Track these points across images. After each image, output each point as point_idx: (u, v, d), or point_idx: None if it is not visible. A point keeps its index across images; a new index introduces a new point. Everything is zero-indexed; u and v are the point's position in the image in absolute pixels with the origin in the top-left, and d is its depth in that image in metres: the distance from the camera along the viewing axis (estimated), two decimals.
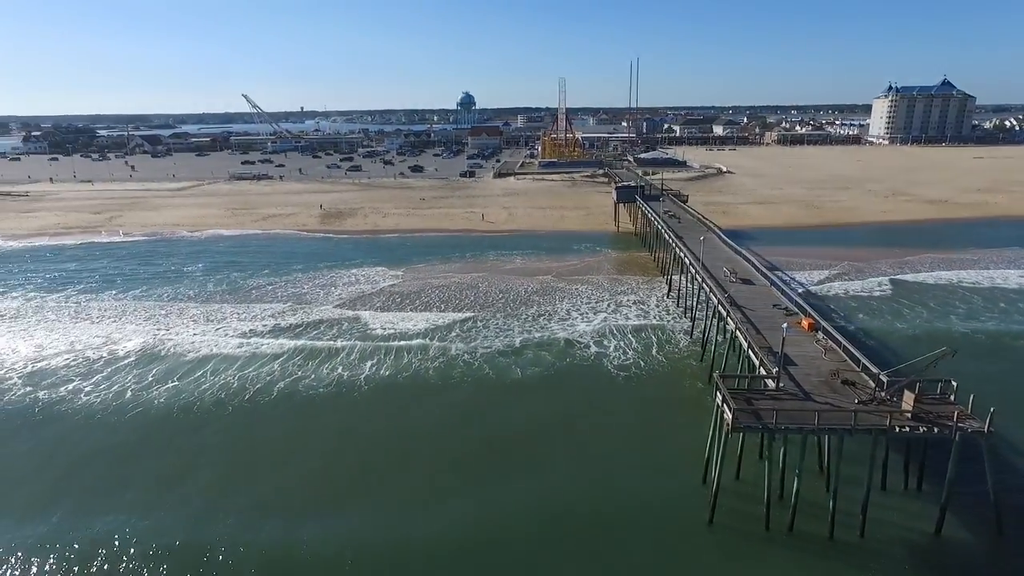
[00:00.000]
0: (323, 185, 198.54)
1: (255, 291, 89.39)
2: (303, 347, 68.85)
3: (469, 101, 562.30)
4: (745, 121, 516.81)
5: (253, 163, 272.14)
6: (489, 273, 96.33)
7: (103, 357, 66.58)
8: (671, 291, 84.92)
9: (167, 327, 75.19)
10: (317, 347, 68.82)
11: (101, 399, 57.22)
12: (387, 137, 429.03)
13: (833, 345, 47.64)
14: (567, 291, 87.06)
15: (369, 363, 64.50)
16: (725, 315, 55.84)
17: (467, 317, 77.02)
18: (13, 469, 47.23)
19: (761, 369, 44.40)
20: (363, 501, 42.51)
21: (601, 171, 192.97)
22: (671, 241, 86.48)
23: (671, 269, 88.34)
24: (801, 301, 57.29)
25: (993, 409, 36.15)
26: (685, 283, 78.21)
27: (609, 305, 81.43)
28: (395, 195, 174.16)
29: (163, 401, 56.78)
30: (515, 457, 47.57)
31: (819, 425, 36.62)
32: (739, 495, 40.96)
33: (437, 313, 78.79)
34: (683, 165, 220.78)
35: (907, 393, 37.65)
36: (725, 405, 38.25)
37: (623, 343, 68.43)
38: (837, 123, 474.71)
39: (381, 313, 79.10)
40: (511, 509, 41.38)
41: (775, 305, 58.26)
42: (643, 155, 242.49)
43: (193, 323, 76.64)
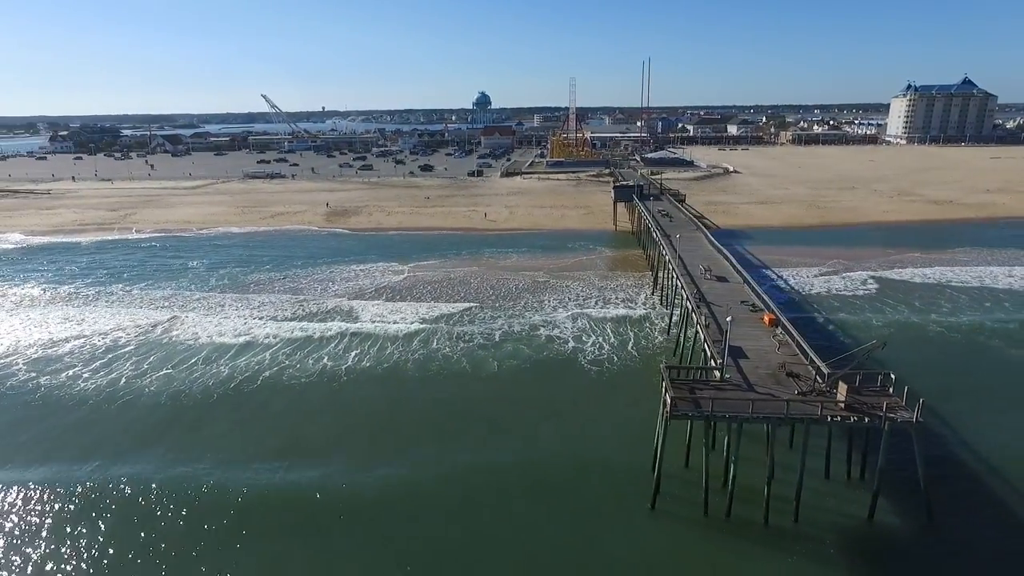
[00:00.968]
0: (333, 184, 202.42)
1: (253, 285, 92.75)
2: (296, 337, 71.87)
3: (485, 101, 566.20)
4: (764, 120, 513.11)
5: (268, 162, 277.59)
6: (483, 270, 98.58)
7: (106, 344, 70.25)
8: (656, 288, 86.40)
9: (167, 317, 78.62)
10: (310, 336, 71.94)
11: (107, 380, 60.72)
12: (402, 137, 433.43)
13: (788, 339, 49.12)
14: (557, 288, 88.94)
15: (354, 352, 67.48)
16: (691, 310, 57.43)
17: (455, 311, 79.30)
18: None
19: (712, 361, 46.07)
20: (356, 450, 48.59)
21: (607, 171, 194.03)
22: (657, 239, 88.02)
23: (657, 267, 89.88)
24: (767, 298, 58.53)
25: (922, 400, 37.57)
26: (667, 280, 79.76)
27: (595, 302, 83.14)
28: (401, 194, 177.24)
29: (155, 388, 60.05)
30: (475, 432, 50.96)
31: (753, 414, 38.24)
32: (684, 482, 42.56)
33: (426, 308, 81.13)
34: (690, 165, 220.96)
35: (841, 384, 39.12)
36: (667, 394, 40.04)
37: (601, 338, 70.17)
38: (856, 123, 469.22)
39: (372, 307, 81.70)
40: (461, 472, 45.17)
41: (743, 302, 59.65)
42: (650, 155, 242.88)
43: (192, 314, 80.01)
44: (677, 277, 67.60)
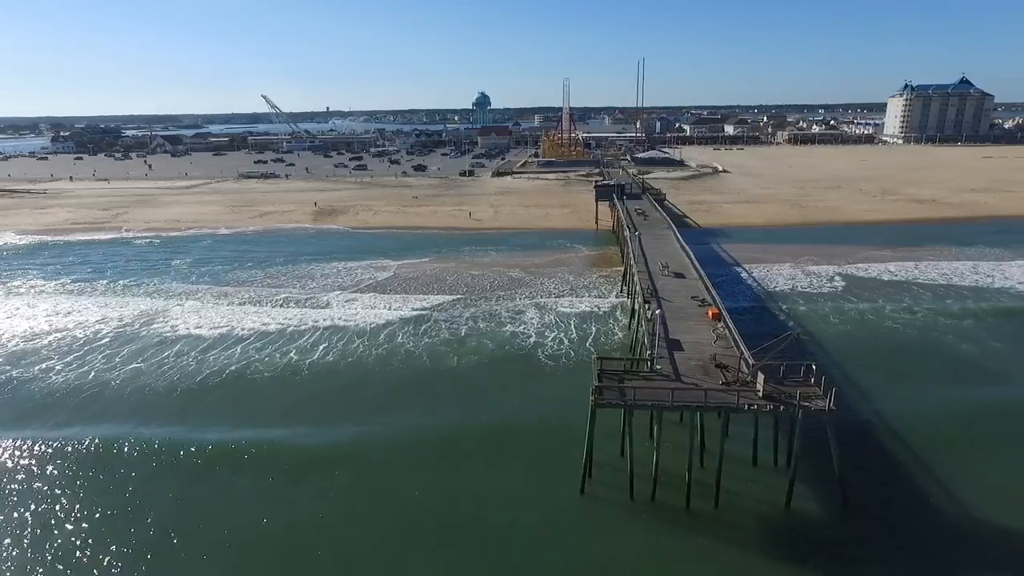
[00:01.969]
0: (325, 184, 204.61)
1: (234, 282, 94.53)
2: (268, 331, 73.77)
3: (484, 101, 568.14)
4: (765, 120, 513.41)
5: (266, 162, 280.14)
6: (460, 267, 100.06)
7: (84, 338, 72.32)
8: (624, 285, 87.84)
9: (145, 313, 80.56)
10: (283, 330, 73.95)
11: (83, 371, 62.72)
12: (403, 137, 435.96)
13: (726, 332, 50.59)
14: (530, 285, 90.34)
15: (323, 346, 69.27)
16: (641, 305, 58.97)
17: (425, 308, 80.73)
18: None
19: (647, 353, 47.61)
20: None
21: (596, 171, 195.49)
22: (627, 237, 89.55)
23: (626, 264, 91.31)
24: (715, 293, 60.07)
25: (835, 388, 39.08)
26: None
27: (565, 298, 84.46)
28: (391, 193, 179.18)
29: (120, 381, 61.98)
30: (420, 421, 52.68)
31: (674, 402, 39.77)
32: (615, 469, 44.03)
33: (397, 304, 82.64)
34: (680, 165, 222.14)
35: (760, 374, 40.58)
36: (593, 384, 41.60)
37: (563, 334, 71.60)
38: (855, 122, 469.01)
39: (344, 303, 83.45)
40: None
41: (693, 297, 61.15)
42: (640, 155, 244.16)
43: (171, 309, 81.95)
44: (636, 274, 69.13)
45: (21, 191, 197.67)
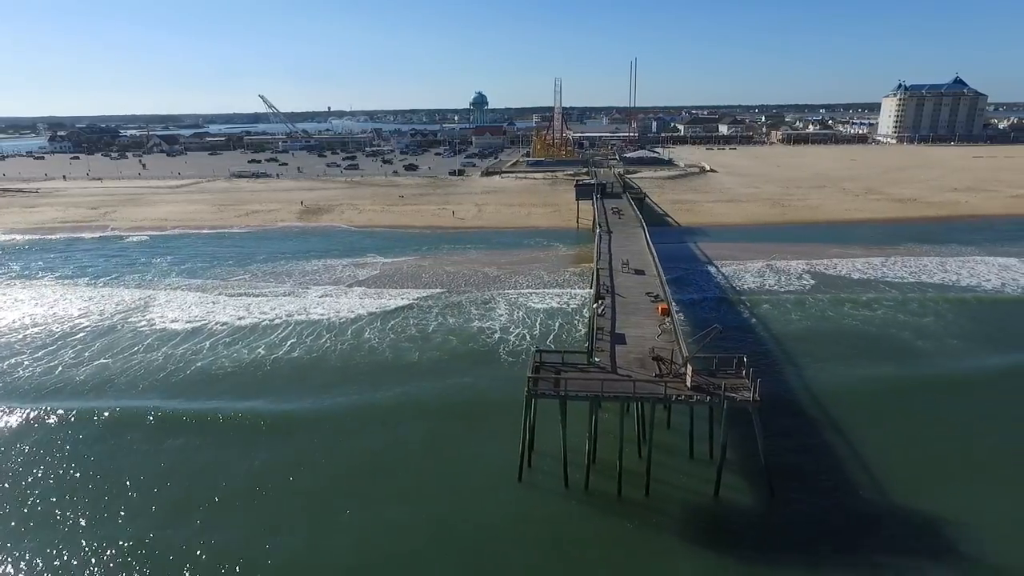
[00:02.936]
0: (315, 183, 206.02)
1: (212, 279, 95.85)
2: (241, 325, 75.30)
3: (482, 101, 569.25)
4: (763, 120, 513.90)
5: (260, 162, 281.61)
6: (438, 265, 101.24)
7: (59, 333, 73.70)
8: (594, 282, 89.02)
9: (121, 309, 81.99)
10: (256, 325, 75.57)
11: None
12: (400, 137, 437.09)
13: (671, 327, 51.75)
14: (503, 282, 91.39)
15: (290, 341, 70.63)
16: (594, 300, 60.15)
17: (398, 305, 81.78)
18: None
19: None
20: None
21: (584, 170, 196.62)
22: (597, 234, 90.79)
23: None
24: (667, 289, 61.30)
25: (759, 380, 40.19)
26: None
27: (536, 296, 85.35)
28: (378, 192, 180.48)
29: (84, 376, 63.40)
30: (374, 412, 53.98)
31: (603, 393, 40.98)
32: (555, 459, 45.11)
33: (370, 300, 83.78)
34: (668, 164, 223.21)
35: (688, 367, 41.78)
36: (528, 375, 42.80)
37: (528, 331, 72.67)
38: (851, 122, 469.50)
39: (317, 299, 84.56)
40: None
41: (647, 292, 62.28)
42: (629, 154, 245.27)
43: (148, 306, 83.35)
44: (597, 271, 70.33)
45: (13, 190, 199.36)
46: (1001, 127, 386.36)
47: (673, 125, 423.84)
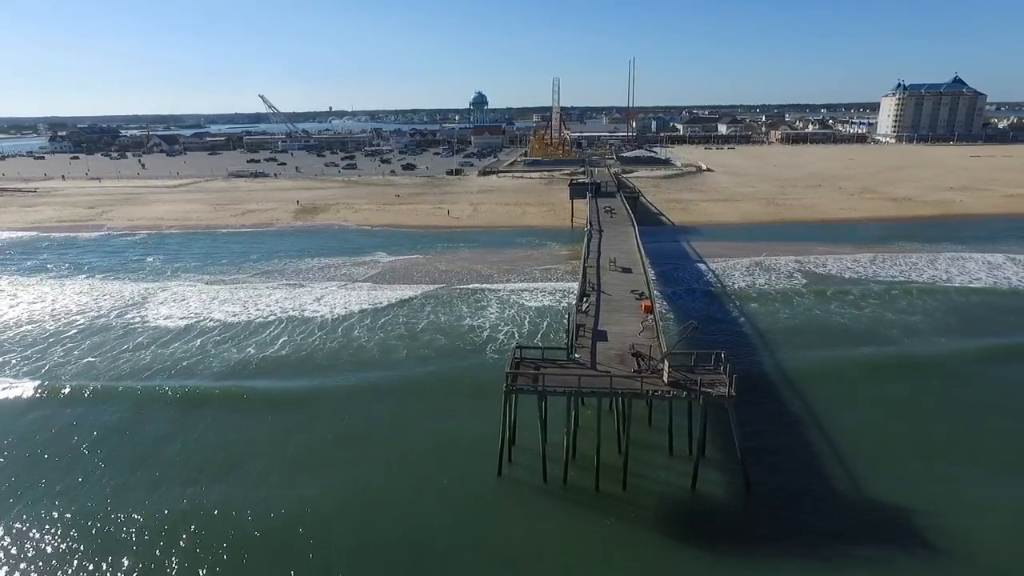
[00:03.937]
0: (312, 182, 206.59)
1: (206, 277, 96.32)
2: (232, 323, 75.81)
3: (481, 100, 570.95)
4: (763, 119, 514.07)
5: (258, 161, 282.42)
6: (429, 263, 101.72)
7: (50, 331, 74.28)
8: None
9: (113, 308, 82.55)
10: (249, 322, 76.25)
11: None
12: (400, 136, 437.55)
13: (653, 324, 52.12)
14: (495, 280, 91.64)
15: (283, 339, 70.94)
16: (579, 297, 60.50)
17: (389, 302, 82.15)
18: None
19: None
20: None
21: (581, 169, 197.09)
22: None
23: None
24: (652, 287, 61.70)
25: (735, 375, 40.54)
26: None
27: (526, 293, 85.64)
28: (374, 192, 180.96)
29: (70, 375, 63.90)
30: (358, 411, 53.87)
31: (580, 388, 41.34)
32: (536, 454, 45.56)
33: (361, 298, 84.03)
34: (664, 163, 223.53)
35: (666, 362, 42.15)
36: (507, 370, 43.19)
37: (516, 328, 72.95)
38: (854, 121, 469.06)
39: (308, 297, 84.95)
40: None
41: (633, 290, 62.62)
42: (626, 154, 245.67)
43: (140, 304, 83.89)
44: (585, 269, 70.68)
45: (11, 190, 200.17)
46: (1001, 126, 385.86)
47: (672, 125, 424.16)
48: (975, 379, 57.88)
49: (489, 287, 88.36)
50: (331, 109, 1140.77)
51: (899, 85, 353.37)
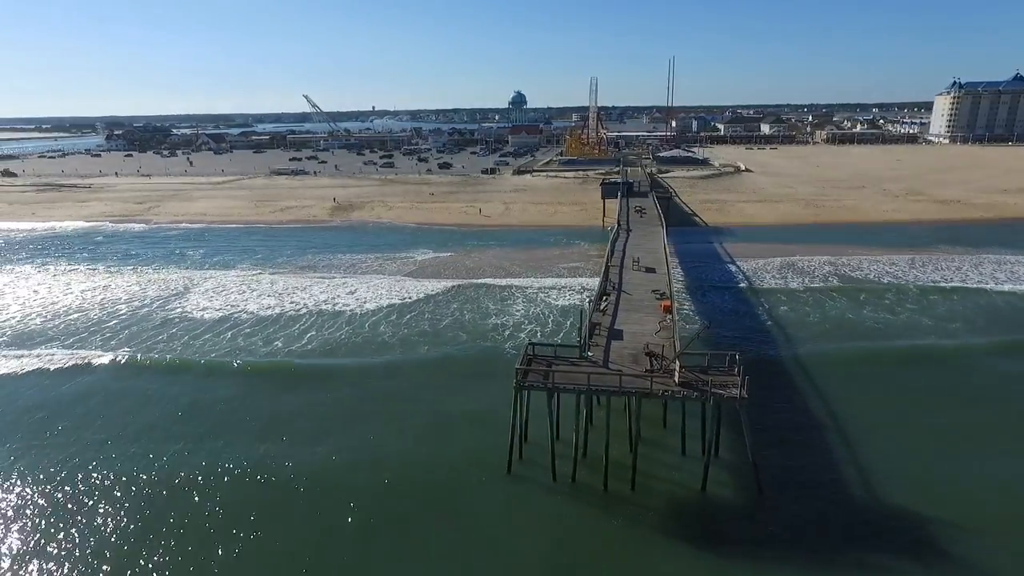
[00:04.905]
0: (349, 180, 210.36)
1: (239, 271, 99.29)
2: (266, 316, 78.34)
3: (520, 100, 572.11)
4: (810, 119, 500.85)
5: (300, 159, 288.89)
6: (458, 261, 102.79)
7: (95, 318, 77.93)
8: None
9: (153, 298, 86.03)
10: (281, 315, 78.66)
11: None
12: (439, 135, 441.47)
13: (671, 324, 51.57)
14: (523, 278, 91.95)
15: (310, 334, 72.73)
16: (599, 296, 60.27)
17: (415, 299, 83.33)
18: None
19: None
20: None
21: (616, 169, 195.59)
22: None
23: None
24: (673, 287, 61.01)
25: (747, 377, 39.86)
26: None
27: (553, 292, 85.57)
28: (409, 190, 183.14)
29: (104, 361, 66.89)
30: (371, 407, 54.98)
31: (590, 386, 41.24)
32: (545, 451, 45.60)
33: (388, 294, 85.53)
34: (702, 163, 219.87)
35: (677, 362, 41.71)
36: (517, 367, 43.36)
37: (540, 327, 73.10)
38: (905, 121, 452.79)
39: (336, 291, 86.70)
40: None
41: (654, 290, 62.00)
42: (662, 153, 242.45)
43: (181, 295, 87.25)
44: (608, 268, 70.25)
45: (68, 186, 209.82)
46: None
47: (713, 124, 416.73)
48: (1010, 382, 55.52)
49: (516, 284, 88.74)
50: (374, 108, 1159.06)
51: (954, 83, 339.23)
